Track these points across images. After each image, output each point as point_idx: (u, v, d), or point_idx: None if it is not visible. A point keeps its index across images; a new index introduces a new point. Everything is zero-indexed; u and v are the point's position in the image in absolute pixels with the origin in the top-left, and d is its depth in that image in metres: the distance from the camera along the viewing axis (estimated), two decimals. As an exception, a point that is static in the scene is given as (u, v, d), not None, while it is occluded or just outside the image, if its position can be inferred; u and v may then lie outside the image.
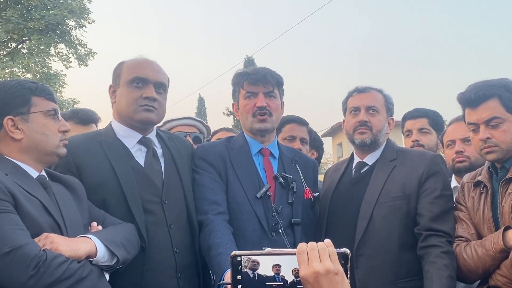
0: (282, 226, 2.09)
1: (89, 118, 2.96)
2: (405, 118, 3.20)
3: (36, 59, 18.67)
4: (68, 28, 20.10)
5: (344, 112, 2.43)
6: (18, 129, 1.65)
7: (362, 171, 2.33)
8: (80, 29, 20.40)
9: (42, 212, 1.56)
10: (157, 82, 2.08)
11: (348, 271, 1.13)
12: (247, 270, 1.13)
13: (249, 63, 25.63)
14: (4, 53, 19.46)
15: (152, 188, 2.02)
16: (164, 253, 1.97)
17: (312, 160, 2.59)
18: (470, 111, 2.03)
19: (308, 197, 2.24)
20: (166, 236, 1.98)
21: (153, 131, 2.19)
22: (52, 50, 20.21)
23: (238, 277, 1.13)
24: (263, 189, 2.13)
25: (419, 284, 2.02)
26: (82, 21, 20.17)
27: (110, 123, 2.15)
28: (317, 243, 1.12)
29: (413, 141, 3.05)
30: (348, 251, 1.14)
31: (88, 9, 20.27)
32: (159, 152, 2.14)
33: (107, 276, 1.65)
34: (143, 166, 2.05)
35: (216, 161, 2.20)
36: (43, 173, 1.73)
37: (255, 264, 1.14)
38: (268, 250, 1.15)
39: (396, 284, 2.08)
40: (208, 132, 3.19)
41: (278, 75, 2.27)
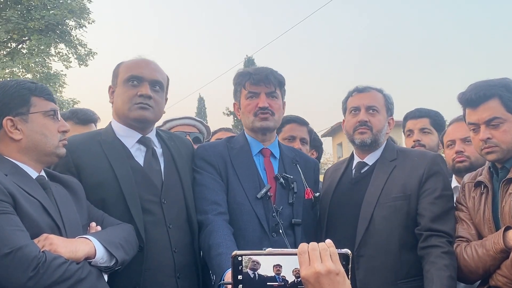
0: (282, 227, 2.08)
1: (88, 118, 2.96)
2: (407, 117, 3.19)
3: (36, 59, 18.68)
4: (68, 28, 20.12)
5: (344, 112, 2.43)
6: (17, 129, 1.65)
7: (362, 171, 2.32)
8: (80, 29, 20.46)
9: (42, 213, 1.56)
10: (152, 80, 2.08)
11: (349, 272, 1.12)
12: (248, 270, 1.13)
13: (249, 63, 25.61)
14: (4, 53, 19.47)
15: (151, 188, 2.01)
16: (163, 253, 1.97)
17: (313, 160, 2.59)
18: (470, 111, 2.03)
19: (309, 197, 2.24)
20: (165, 236, 1.98)
21: (153, 131, 2.18)
22: (52, 50, 20.25)
23: (239, 277, 1.13)
24: (264, 189, 2.12)
25: (419, 285, 2.01)
26: (82, 21, 20.20)
27: (110, 123, 2.16)
28: (318, 243, 1.12)
29: (414, 141, 3.04)
30: (349, 251, 1.14)
31: (88, 9, 20.32)
32: (159, 151, 2.14)
33: (105, 277, 1.65)
34: (142, 165, 2.05)
35: (217, 161, 2.19)
36: (43, 173, 1.73)
37: (256, 264, 1.13)
38: (269, 250, 1.15)
39: (397, 285, 2.08)
40: (208, 133, 3.19)
41: (280, 75, 2.27)
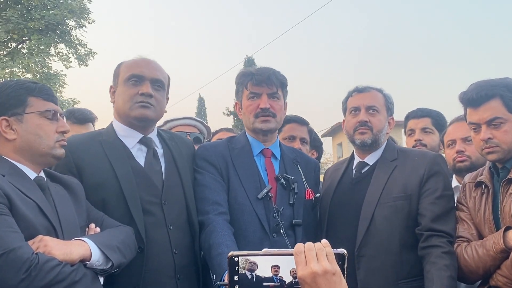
0: (283, 227, 2.08)
1: (86, 117, 2.97)
2: (408, 117, 3.19)
3: (36, 59, 18.67)
4: (68, 28, 20.10)
5: (344, 112, 2.43)
6: (12, 129, 1.64)
7: (362, 171, 2.32)
8: (80, 29, 20.45)
9: (38, 214, 1.55)
10: (153, 79, 2.08)
11: (345, 271, 1.12)
12: (246, 271, 1.12)
13: (249, 63, 25.57)
14: (4, 53, 19.46)
15: (152, 188, 2.01)
16: (163, 254, 1.96)
17: (314, 160, 2.58)
18: (471, 111, 2.03)
19: (310, 198, 2.24)
20: (165, 237, 1.98)
21: (154, 131, 2.18)
22: (52, 50, 20.23)
23: (235, 278, 1.12)
24: (265, 190, 2.12)
25: (420, 285, 2.01)
26: (82, 21, 20.18)
27: (111, 123, 2.15)
28: (314, 243, 1.12)
29: (415, 141, 3.04)
30: (345, 251, 1.14)
31: (88, 9, 20.31)
32: (160, 152, 2.13)
33: (101, 280, 1.64)
34: (143, 166, 2.04)
35: (218, 161, 2.19)
36: (42, 174, 1.72)
37: (253, 265, 1.13)
38: (265, 250, 1.14)
39: (398, 285, 2.07)
40: (208, 133, 3.18)
41: (282, 76, 2.26)
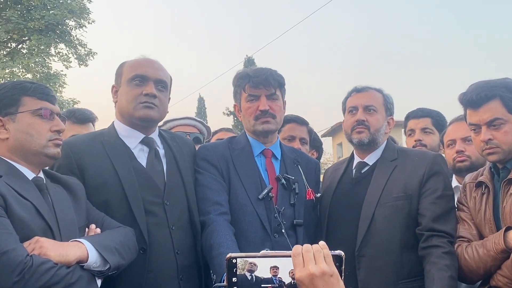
0: (284, 227, 2.08)
1: (86, 117, 2.97)
2: (409, 117, 3.19)
3: (36, 59, 18.66)
4: (68, 28, 20.08)
5: (343, 112, 2.44)
6: (5, 129, 1.64)
7: (362, 171, 2.33)
8: (80, 29, 20.42)
9: (34, 215, 1.54)
10: (157, 79, 2.08)
11: (343, 273, 1.13)
12: (245, 272, 1.13)
13: (249, 63, 25.58)
14: (4, 53, 19.44)
15: (154, 189, 2.01)
16: (165, 254, 1.97)
17: (315, 160, 2.59)
18: (471, 112, 2.03)
19: (310, 198, 2.24)
20: (168, 237, 1.98)
21: (156, 131, 2.18)
22: (52, 50, 20.21)
23: (234, 280, 1.13)
24: (265, 190, 2.12)
25: (421, 285, 2.02)
26: (82, 21, 20.16)
27: (113, 123, 2.15)
28: (312, 245, 1.13)
29: (415, 141, 3.04)
30: (342, 253, 1.15)
31: (88, 9, 20.28)
32: (161, 152, 2.14)
33: (99, 282, 1.62)
34: (145, 167, 2.04)
35: (218, 161, 2.19)
36: (41, 174, 1.71)
37: (253, 266, 1.14)
38: (263, 252, 1.15)
39: (398, 285, 2.08)
40: (208, 133, 3.18)
41: (280, 76, 2.26)
